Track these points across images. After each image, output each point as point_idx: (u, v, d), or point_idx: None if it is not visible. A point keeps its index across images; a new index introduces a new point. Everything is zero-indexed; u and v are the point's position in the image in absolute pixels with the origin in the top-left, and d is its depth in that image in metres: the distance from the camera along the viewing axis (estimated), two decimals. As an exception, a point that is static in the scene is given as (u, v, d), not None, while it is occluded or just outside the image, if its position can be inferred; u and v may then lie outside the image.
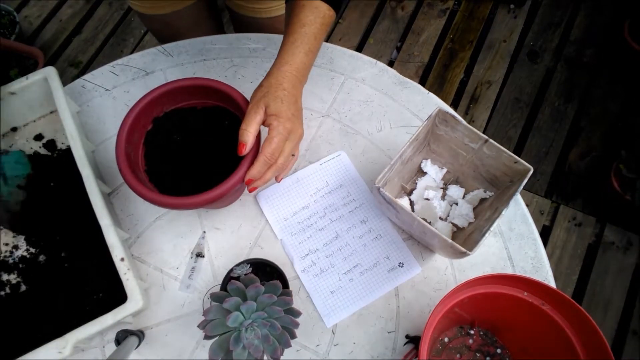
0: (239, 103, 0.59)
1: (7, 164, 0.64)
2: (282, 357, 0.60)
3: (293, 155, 0.59)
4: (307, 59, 0.57)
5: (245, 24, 0.90)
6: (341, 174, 0.70)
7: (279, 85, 0.55)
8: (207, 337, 0.51)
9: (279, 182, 0.60)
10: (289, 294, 0.54)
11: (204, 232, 0.66)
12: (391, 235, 0.66)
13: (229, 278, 0.59)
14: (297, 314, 0.53)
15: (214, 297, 0.52)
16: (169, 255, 0.65)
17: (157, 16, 0.85)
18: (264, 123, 0.55)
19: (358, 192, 0.69)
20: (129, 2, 0.84)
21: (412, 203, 0.67)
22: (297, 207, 0.68)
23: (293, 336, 0.52)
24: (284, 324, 0.52)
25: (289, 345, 0.52)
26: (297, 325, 0.52)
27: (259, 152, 0.54)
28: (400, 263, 0.64)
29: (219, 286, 0.63)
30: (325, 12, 0.58)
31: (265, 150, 0.54)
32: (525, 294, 0.54)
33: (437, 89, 1.61)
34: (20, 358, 0.52)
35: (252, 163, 0.56)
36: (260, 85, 0.56)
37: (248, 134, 0.53)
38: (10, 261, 0.64)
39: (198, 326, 0.51)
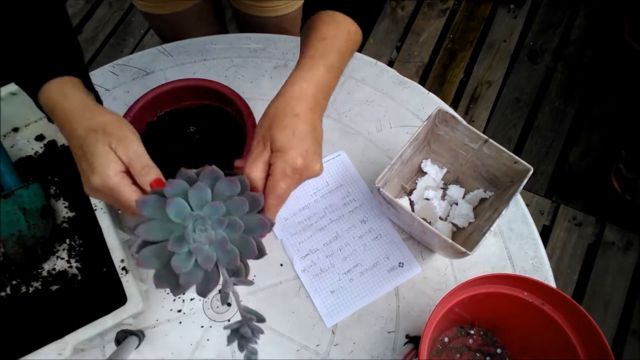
0: (232, 100, 0.59)
1: (27, 198, 0.63)
2: (281, 358, 0.60)
3: None
4: (329, 76, 0.45)
5: (250, 24, 0.89)
6: (341, 174, 0.70)
7: (290, 111, 0.43)
8: (141, 247, 0.37)
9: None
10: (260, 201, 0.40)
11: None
12: (391, 235, 0.66)
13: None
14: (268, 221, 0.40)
15: (156, 194, 0.39)
16: (169, 256, 0.65)
17: (161, 16, 0.84)
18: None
19: (358, 192, 0.69)
20: (134, 2, 0.84)
21: (412, 203, 0.68)
22: (297, 207, 0.68)
23: (262, 252, 0.38)
24: (250, 225, 0.38)
25: (254, 256, 0.39)
26: (268, 228, 0.39)
27: (265, 199, 0.42)
28: (400, 263, 0.64)
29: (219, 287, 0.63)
30: (353, 29, 0.47)
31: (269, 198, 0.42)
32: (525, 294, 0.54)
33: (437, 89, 1.61)
34: (20, 359, 0.52)
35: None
36: (266, 113, 0.44)
37: (255, 180, 0.42)
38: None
39: (129, 227, 0.39)
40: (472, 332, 0.61)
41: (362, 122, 0.74)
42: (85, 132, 0.41)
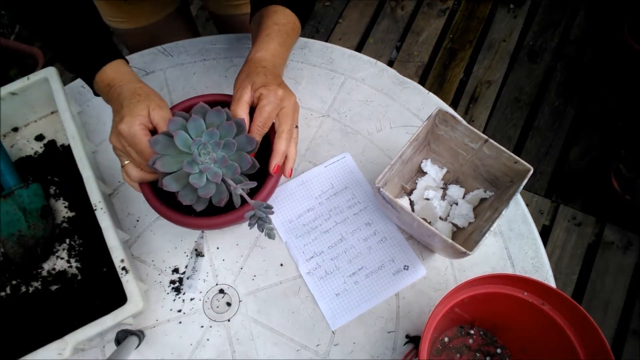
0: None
1: (27, 198, 0.63)
2: (281, 357, 0.60)
3: (296, 127, 0.58)
4: (281, 50, 0.58)
5: (231, 25, 0.90)
6: (346, 176, 0.70)
7: (258, 64, 0.55)
8: (162, 176, 0.48)
9: (289, 177, 0.58)
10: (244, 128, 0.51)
11: (203, 231, 0.66)
12: (396, 238, 0.66)
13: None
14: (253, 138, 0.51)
15: (163, 134, 0.50)
16: (169, 256, 0.65)
17: (132, 30, 0.85)
18: (254, 100, 0.54)
19: (363, 194, 0.69)
20: (105, 20, 0.84)
21: (412, 203, 0.68)
22: (302, 209, 0.68)
23: (255, 165, 0.50)
24: (240, 144, 0.49)
25: (247, 164, 0.50)
26: (254, 146, 0.50)
27: (251, 122, 0.53)
28: (405, 266, 0.64)
29: (219, 287, 0.63)
30: (295, 20, 0.60)
31: (256, 120, 0.53)
32: (525, 293, 0.54)
33: (437, 89, 1.61)
34: (20, 359, 0.52)
35: (276, 182, 0.56)
36: (240, 71, 0.56)
37: (239, 112, 0.53)
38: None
39: (148, 164, 0.49)
40: (472, 332, 0.61)
41: (362, 122, 0.74)
42: (131, 94, 0.52)
